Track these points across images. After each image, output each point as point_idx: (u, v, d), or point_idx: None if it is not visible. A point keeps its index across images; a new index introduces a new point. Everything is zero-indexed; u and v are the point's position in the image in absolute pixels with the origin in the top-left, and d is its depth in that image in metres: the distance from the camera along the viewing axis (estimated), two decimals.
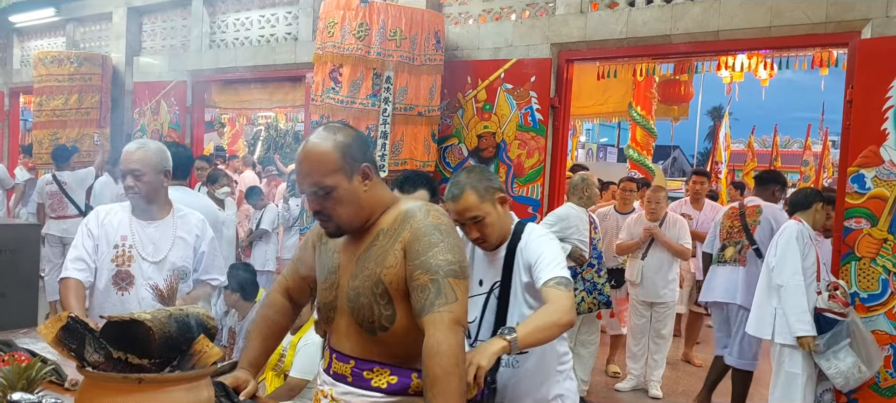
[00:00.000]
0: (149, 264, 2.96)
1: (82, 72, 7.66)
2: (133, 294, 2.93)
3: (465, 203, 2.38)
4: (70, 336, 1.41)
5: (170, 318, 1.45)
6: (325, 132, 1.85)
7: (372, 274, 1.85)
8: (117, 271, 2.92)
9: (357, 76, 5.18)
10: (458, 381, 1.70)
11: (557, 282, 2.22)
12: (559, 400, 2.49)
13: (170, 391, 1.36)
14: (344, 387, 1.94)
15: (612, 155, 23.63)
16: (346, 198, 1.83)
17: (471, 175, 2.44)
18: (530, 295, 2.41)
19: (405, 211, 1.89)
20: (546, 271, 2.27)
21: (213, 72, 7.42)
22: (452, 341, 1.71)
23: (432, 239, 1.81)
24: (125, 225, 2.95)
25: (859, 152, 4.01)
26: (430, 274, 1.77)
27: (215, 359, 1.47)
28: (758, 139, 16.17)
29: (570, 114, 5.39)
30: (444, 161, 5.48)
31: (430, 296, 1.75)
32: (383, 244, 1.86)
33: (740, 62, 5.79)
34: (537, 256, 2.33)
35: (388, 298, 1.84)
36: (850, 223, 4.04)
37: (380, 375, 1.91)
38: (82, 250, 2.92)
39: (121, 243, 2.93)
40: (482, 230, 2.41)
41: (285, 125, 16.14)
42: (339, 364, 1.95)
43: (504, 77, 5.20)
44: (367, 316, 1.86)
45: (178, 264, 3.02)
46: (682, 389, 6.03)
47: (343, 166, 1.82)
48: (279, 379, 4.14)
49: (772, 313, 4.11)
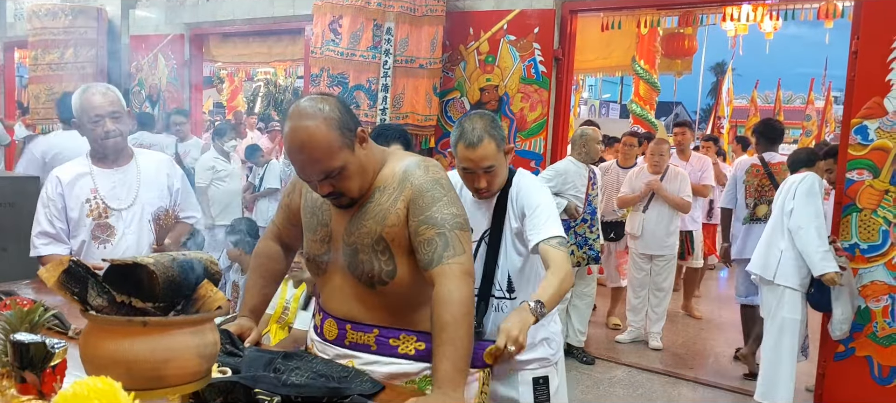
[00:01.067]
0: (126, 211, 2.93)
1: (77, 26, 7.54)
2: (115, 244, 2.91)
3: (484, 151, 2.30)
4: (72, 279, 1.39)
5: (173, 262, 1.44)
6: (310, 110, 1.74)
7: (371, 232, 1.84)
8: (96, 224, 2.88)
9: (357, 27, 5.12)
10: (466, 329, 1.71)
11: (560, 242, 2.20)
12: (545, 344, 2.50)
13: (175, 334, 1.36)
14: (369, 356, 1.93)
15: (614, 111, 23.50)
16: (354, 171, 1.81)
17: (487, 123, 2.34)
18: (519, 242, 2.39)
19: (404, 169, 1.87)
20: (545, 228, 2.23)
21: (211, 25, 7.32)
22: (464, 290, 1.74)
23: (434, 194, 1.83)
24: (90, 179, 2.90)
25: (863, 103, 3.97)
26: (437, 227, 1.79)
27: (219, 304, 1.46)
28: (761, 94, 16.10)
29: (573, 66, 5.33)
30: (445, 115, 5.44)
31: (438, 249, 1.77)
32: (381, 201, 1.85)
33: (746, 13, 5.71)
34: (533, 208, 2.29)
35: (389, 254, 1.85)
36: (852, 174, 4.02)
37: (407, 342, 1.92)
38: (45, 223, 2.86)
39: (92, 197, 2.88)
40: (491, 180, 2.36)
41: (285, 81, 16.01)
42: (359, 334, 1.94)
43: (507, 28, 5.13)
44: (367, 271, 1.86)
45: (155, 204, 2.98)
46: (682, 340, 6.09)
47: (343, 141, 1.77)
48: (283, 331, 4.17)
49: (777, 256, 4.18)
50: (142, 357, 1.31)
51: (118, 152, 2.94)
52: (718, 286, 8.86)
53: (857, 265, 4.03)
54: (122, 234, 2.92)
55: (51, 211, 2.86)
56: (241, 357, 1.87)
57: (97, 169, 2.92)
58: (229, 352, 1.89)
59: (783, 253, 4.15)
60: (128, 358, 1.30)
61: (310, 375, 1.73)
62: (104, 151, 2.91)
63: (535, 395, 2.49)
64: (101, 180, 2.91)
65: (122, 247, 2.89)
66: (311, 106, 1.76)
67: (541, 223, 2.24)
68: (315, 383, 1.68)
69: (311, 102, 1.77)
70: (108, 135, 2.85)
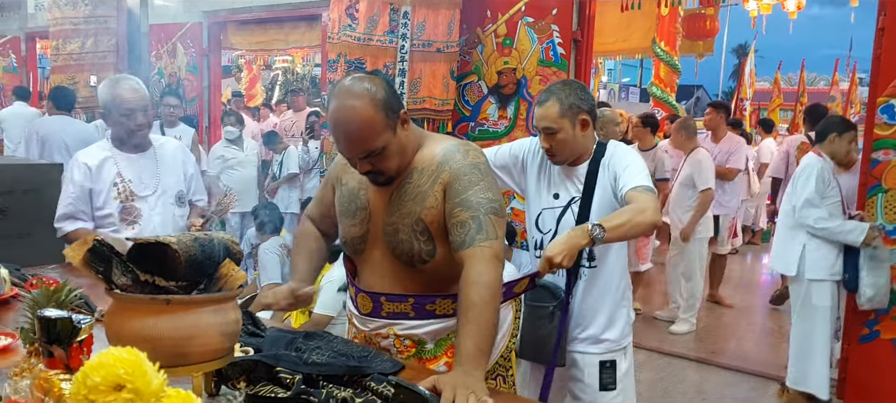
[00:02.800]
0: (151, 196, 3.08)
1: (97, 15, 7.60)
2: (142, 226, 3.04)
3: (545, 111, 2.44)
4: (97, 258, 1.41)
5: (195, 242, 1.45)
6: (357, 90, 1.77)
7: (410, 213, 1.87)
8: (123, 207, 3.01)
9: (374, 11, 5.11)
10: (492, 313, 1.72)
11: (646, 189, 2.27)
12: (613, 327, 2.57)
13: (197, 312, 1.36)
14: (408, 322, 1.97)
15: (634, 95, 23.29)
16: (394, 151, 1.85)
17: (564, 88, 2.48)
18: (608, 211, 2.43)
19: (444, 152, 1.90)
20: (633, 179, 2.31)
21: (229, 13, 7.35)
22: (493, 274, 1.75)
23: (472, 178, 1.85)
24: (115, 163, 3.04)
25: (889, 82, 3.90)
26: (471, 210, 1.81)
27: (241, 283, 1.47)
28: (784, 76, 15.87)
29: (592, 48, 5.27)
30: (463, 98, 5.42)
31: (470, 232, 1.79)
32: (419, 183, 1.88)
33: None
34: (624, 166, 2.38)
35: (428, 235, 1.87)
36: (878, 154, 3.95)
37: (443, 304, 1.95)
38: (70, 205, 2.99)
39: (118, 181, 3.02)
40: (552, 142, 2.45)
41: (302, 68, 16.05)
42: (395, 304, 1.97)
43: (524, 10, 5.08)
44: (407, 251, 1.89)
45: (176, 189, 3.17)
46: (703, 325, 6.03)
47: (387, 123, 1.80)
48: (304, 316, 4.21)
49: (798, 251, 4.13)
50: (166, 334, 1.32)
51: (143, 141, 3.10)
52: (742, 270, 8.79)
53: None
54: (149, 216, 3.06)
55: (77, 193, 2.98)
56: (263, 337, 1.88)
57: (120, 154, 3.07)
58: (251, 333, 1.91)
59: (805, 247, 4.11)
60: (152, 336, 1.31)
61: (330, 354, 1.73)
62: (133, 141, 3.06)
63: (601, 378, 2.55)
64: (124, 165, 3.05)
65: (149, 228, 3.03)
66: (357, 85, 1.78)
67: (631, 175, 2.33)
68: (336, 361, 1.68)
69: (357, 82, 1.80)
70: (140, 128, 3.02)
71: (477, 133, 5.34)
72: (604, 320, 2.55)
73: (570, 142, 2.45)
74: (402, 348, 1.99)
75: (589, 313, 2.55)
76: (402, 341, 1.99)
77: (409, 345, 1.99)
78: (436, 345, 1.99)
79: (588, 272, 2.52)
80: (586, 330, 2.56)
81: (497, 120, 5.26)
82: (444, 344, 1.99)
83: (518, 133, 5.05)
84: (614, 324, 2.56)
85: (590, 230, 2.07)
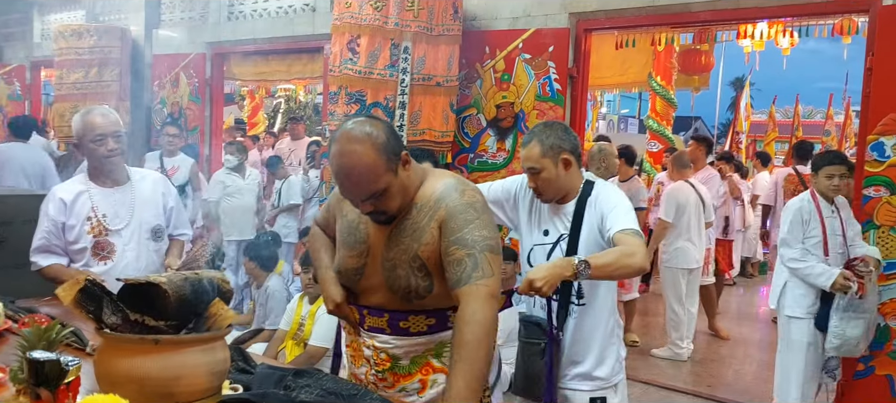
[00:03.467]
0: (125, 229, 3.04)
1: (102, 46, 7.69)
2: (116, 261, 3.01)
3: (528, 152, 2.52)
4: (88, 298, 1.44)
5: (185, 281, 1.48)
6: (359, 134, 1.80)
7: (408, 249, 1.90)
8: (96, 242, 2.98)
9: (375, 46, 5.18)
10: (486, 351, 1.74)
11: (634, 232, 2.30)
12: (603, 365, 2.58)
13: (186, 352, 1.39)
14: (383, 337, 2.01)
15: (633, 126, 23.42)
16: (396, 191, 1.88)
17: (545, 129, 2.55)
18: (596, 249, 2.46)
19: (441, 190, 1.93)
20: (620, 221, 2.35)
21: (232, 44, 7.44)
22: (488, 312, 1.77)
23: (467, 216, 1.86)
24: (90, 197, 3.01)
25: (879, 120, 3.95)
26: (467, 248, 1.82)
27: (230, 322, 1.49)
28: (779, 109, 15.94)
29: (588, 84, 5.35)
30: (462, 131, 5.48)
31: (466, 269, 1.80)
32: (417, 219, 1.92)
33: (761, 31, 5.71)
34: (611, 207, 2.42)
35: (426, 271, 1.91)
36: (869, 191, 4.00)
37: (416, 321, 1.99)
38: (44, 239, 2.97)
39: (93, 215, 2.99)
40: (537, 181, 2.51)
41: (305, 97, 16.15)
42: (374, 318, 2.01)
43: (522, 47, 5.16)
44: (404, 286, 1.92)
45: (152, 224, 3.12)
46: (700, 357, 6.01)
47: (388, 166, 1.83)
48: (299, 348, 4.21)
49: (779, 286, 4.20)
50: (153, 374, 1.35)
51: (118, 170, 3.06)
52: (737, 302, 8.78)
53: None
54: (122, 251, 3.02)
55: (50, 227, 2.96)
56: (253, 374, 1.90)
57: (96, 188, 3.03)
58: (241, 369, 1.93)
59: (786, 283, 4.15)
60: (140, 375, 1.34)
61: (319, 392, 1.76)
62: (106, 168, 3.02)
63: None
64: (99, 199, 3.01)
65: (121, 264, 3.00)
66: (358, 129, 1.81)
67: (618, 217, 2.37)
68: (325, 400, 1.71)
69: (358, 126, 1.82)
70: (111, 154, 2.97)
71: (476, 164, 5.40)
72: (594, 357, 2.57)
73: (554, 181, 2.51)
74: (379, 360, 2.04)
75: (579, 350, 2.57)
76: (379, 353, 2.03)
77: (385, 359, 2.03)
78: (411, 363, 2.02)
79: (578, 310, 2.55)
80: (576, 367, 2.58)
81: (495, 152, 5.33)
82: (420, 362, 2.02)
83: (516, 165, 5.10)
84: (604, 362, 2.58)
85: (576, 264, 2.12)
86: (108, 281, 1.65)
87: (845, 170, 4.14)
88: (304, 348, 4.11)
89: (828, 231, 3.99)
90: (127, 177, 3.12)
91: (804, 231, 4.04)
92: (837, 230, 4.00)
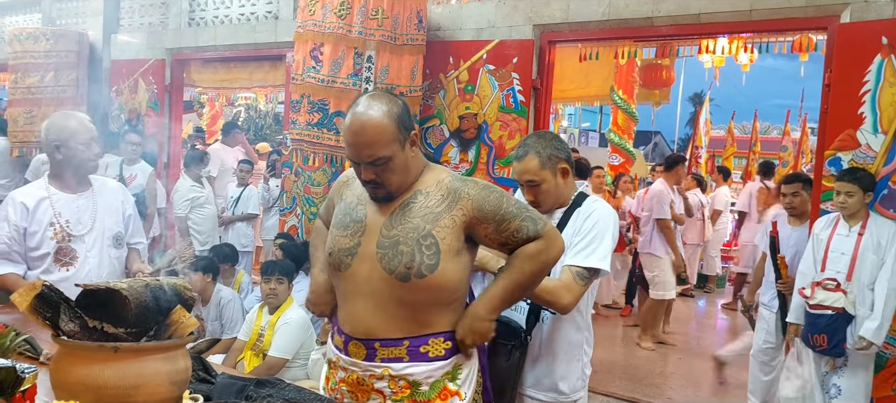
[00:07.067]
0: (87, 235, 3.00)
1: (58, 50, 7.52)
2: (77, 268, 2.96)
3: (526, 165, 2.46)
4: (45, 304, 1.39)
5: (146, 288, 1.44)
6: (376, 102, 1.90)
7: (418, 227, 1.93)
8: (58, 248, 2.93)
9: (338, 55, 5.14)
10: (530, 278, 2.00)
11: (579, 273, 2.29)
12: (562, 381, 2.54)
13: (146, 360, 1.35)
14: (402, 364, 1.99)
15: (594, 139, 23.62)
16: (399, 166, 1.94)
17: (539, 140, 2.50)
18: None
19: (450, 180, 2.01)
20: (580, 255, 2.32)
21: (193, 51, 7.32)
22: (552, 253, 2.01)
23: (491, 197, 1.97)
24: (51, 203, 2.96)
25: (836, 136, 4.04)
26: (517, 217, 1.97)
27: (192, 329, 1.46)
28: (738, 125, 16.29)
29: (551, 96, 5.39)
30: (425, 142, 5.47)
31: (529, 226, 1.97)
32: (428, 205, 1.96)
33: (721, 46, 5.83)
34: (585, 232, 2.37)
35: (435, 249, 1.92)
36: (826, 206, 4.08)
37: (435, 345, 2.00)
38: (5, 244, 2.90)
39: (56, 220, 2.93)
40: (536, 195, 2.48)
41: (265, 106, 15.97)
42: (389, 349, 1.99)
43: (486, 58, 5.18)
44: (405, 262, 1.91)
45: (114, 231, 3.10)
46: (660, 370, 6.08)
47: (398, 136, 1.91)
48: (258, 359, 4.14)
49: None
50: (112, 382, 1.31)
51: (85, 177, 3.04)
52: (696, 311, 8.92)
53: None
54: (85, 258, 2.98)
55: (11, 233, 2.89)
56: (213, 384, 1.86)
57: (57, 193, 2.98)
58: (201, 379, 1.89)
59: None
60: (98, 384, 1.30)
61: (281, 402, 1.72)
62: (81, 172, 3.01)
63: None
64: (62, 205, 2.96)
65: (83, 271, 2.95)
66: (378, 96, 1.94)
67: (580, 248, 2.34)
68: None
69: (380, 93, 1.96)
70: (96, 158, 3.00)
71: None
72: (557, 370, 2.55)
73: (554, 192, 2.48)
74: (397, 388, 2.00)
75: (544, 360, 2.56)
76: (397, 382, 2.00)
77: (404, 387, 2.00)
78: (430, 388, 2.01)
79: (549, 317, 2.53)
80: (539, 376, 2.56)
81: (458, 162, 5.32)
82: (438, 386, 2.01)
83: (479, 176, 5.10)
84: (567, 377, 2.55)
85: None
86: (68, 288, 1.61)
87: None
88: (264, 359, 4.05)
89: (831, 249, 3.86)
90: (89, 182, 3.09)
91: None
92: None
